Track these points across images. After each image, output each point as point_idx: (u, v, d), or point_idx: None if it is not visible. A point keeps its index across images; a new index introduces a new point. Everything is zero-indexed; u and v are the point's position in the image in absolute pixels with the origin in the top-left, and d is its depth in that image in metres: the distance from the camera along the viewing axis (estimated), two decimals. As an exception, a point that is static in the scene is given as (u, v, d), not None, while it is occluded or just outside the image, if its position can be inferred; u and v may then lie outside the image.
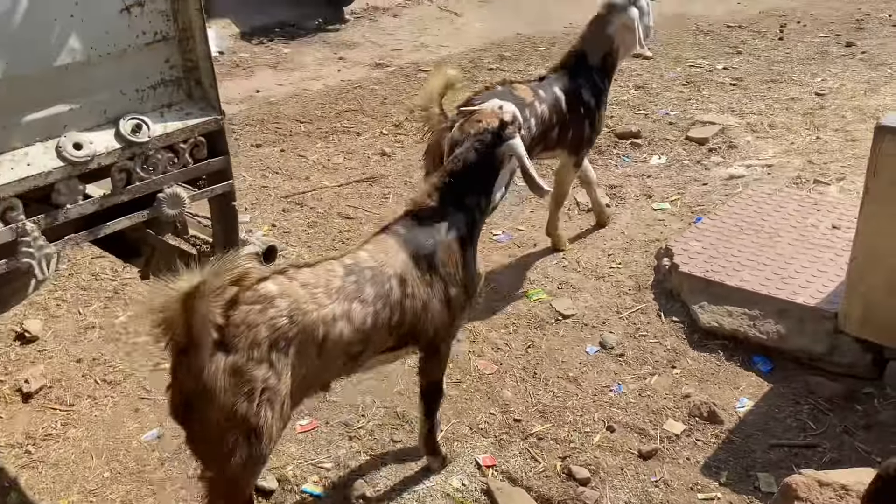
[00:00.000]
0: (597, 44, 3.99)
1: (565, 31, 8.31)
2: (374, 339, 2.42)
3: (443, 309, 2.59)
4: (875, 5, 8.88)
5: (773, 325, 3.48)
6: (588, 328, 3.72)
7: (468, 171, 2.65)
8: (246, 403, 2.12)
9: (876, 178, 3.06)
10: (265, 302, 2.18)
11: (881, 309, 3.19)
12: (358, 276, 2.37)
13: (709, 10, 8.91)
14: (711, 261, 3.82)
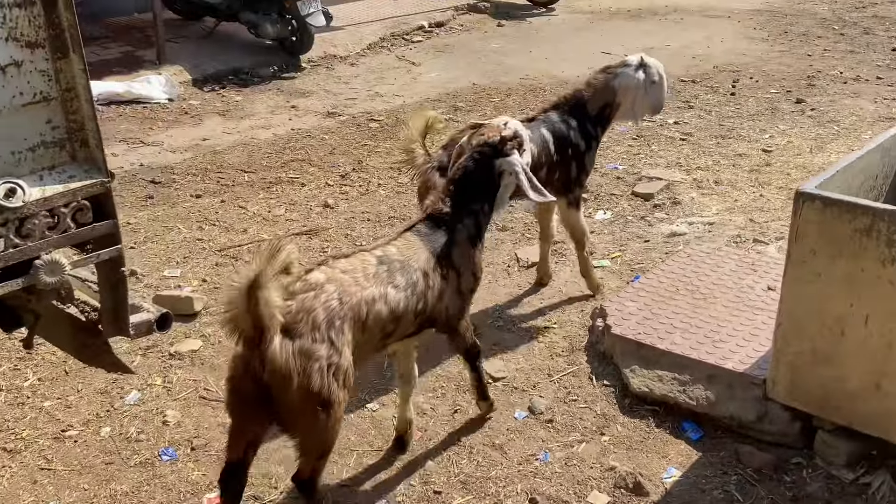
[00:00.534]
0: (599, 93, 4.02)
1: (521, 83, 8.38)
2: (402, 322, 2.78)
3: (454, 296, 2.98)
4: (827, 62, 9.06)
5: (703, 391, 3.42)
6: (518, 392, 3.63)
7: (468, 180, 3.01)
8: (319, 379, 2.45)
9: (797, 244, 3.04)
10: (317, 289, 2.52)
11: (808, 376, 3.15)
12: (389, 266, 2.74)
13: (666, 64, 9.00)
14: (645, 322, 3.77)
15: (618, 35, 10.37)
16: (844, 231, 2.90)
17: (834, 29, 10.56)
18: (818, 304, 3.04)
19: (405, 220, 5.26)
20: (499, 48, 9.85)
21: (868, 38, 10.05)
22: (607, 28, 10.79)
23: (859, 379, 3.03)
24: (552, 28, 10.85)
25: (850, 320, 2.99)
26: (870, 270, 2.89)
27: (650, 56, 4.14)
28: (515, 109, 7.53)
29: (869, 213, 2.84)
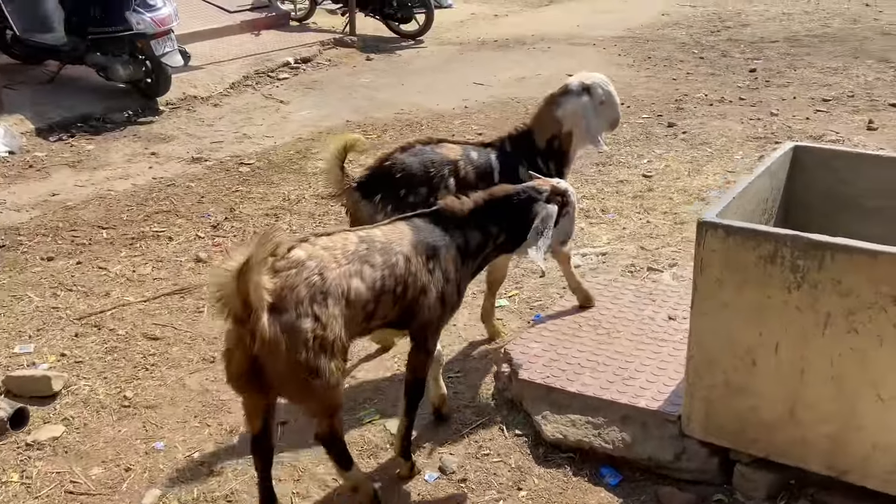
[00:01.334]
0: (545, 125, 3.86)
1: (396, 118, 8.30)
2: (382, 303, 2.88)
3: (436, 301, 3.03)
4: (692, 85, 9.46)
5: (618, 433, 3.35)
6: (425, 451, 3.45)
7: (503, 203, 3.14)
8: (304, 351, 2.64)
9: (703, 275, 3.03)
10: (298, 266, 2.67)
11: (722, 410, 3.13)
12: (369, 245, 2.87)
13: (538, 93, 9.14)
14: (552, 364, 3.69)
15: (489, 65, 10.50)
16: (749, 259, 2.91)
17: (694, 53, 11.08)
18: (728, 335, 3.04)
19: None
20: (369, 83, 9.76)
21: (727, 61, 10.59)
22: (477, 59, 10.91)
23: (773, 408, 3.03)
24: (422, 60, 10.87)
25: (760, 349, 2.99)
26: (776, 297, 2.90)
27: (589, 78, 3.91)
28: (393, 145, 7.40)
29: (772, 240, 2.86)
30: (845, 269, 2.75)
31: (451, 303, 3.12)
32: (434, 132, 7.81)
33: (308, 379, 2.68)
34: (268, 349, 2.60)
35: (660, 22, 13.27)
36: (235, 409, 3.75)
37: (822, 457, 3.00)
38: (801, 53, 10.85)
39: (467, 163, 3.69)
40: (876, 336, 2.76)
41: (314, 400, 2.79)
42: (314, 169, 6.83)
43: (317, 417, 2.89)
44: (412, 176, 3.60)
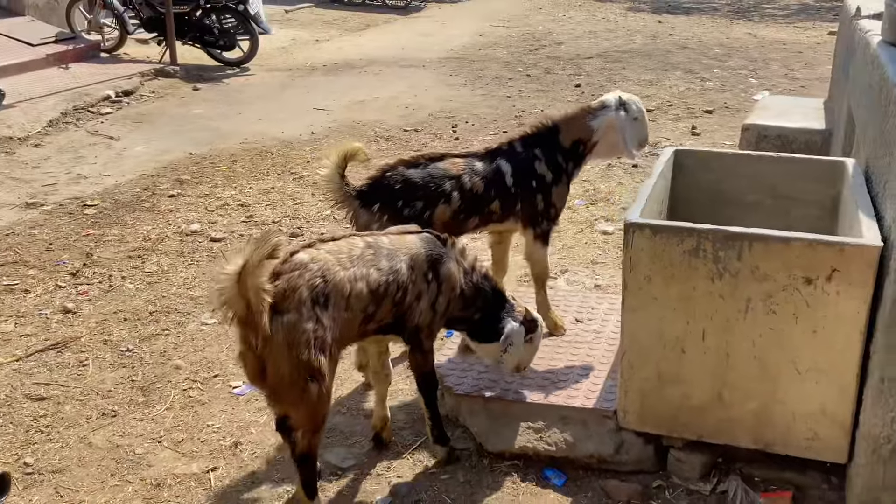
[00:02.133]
0: (575, 128, 4.06)
1: (244, 147, 8.17)
2: (382, 306, 3.07)
3: (429, 308, 3.24)
4: (527, 102, 9.99)
5: (560, 435, 3.53)
6: (373, 478, 3.47)
7: (492, 295, 3.46)
8: (307, 351, 2.80)
9: (632, 273, 3.28)
10: (301, 268, 2.85)
11: (656, 399, 3.39)
12: (376, 251, 3.08)
13: (381, 116, 9.34)
14: (482, 376, 3.82)
15: (324, 90, 10.55)
16: (675, 254, 3.19)
17: (519, 71, 11.70)
18: (658, 328, 3.30)
19: (173, 312, 4.85)
20: (203, 113, 9.52)
21: (552, 77, 11.28)
22: (311, 84, 10.93)
23: (703, 393, 3.32)
24: (254, 88, 10.75)
25: (688, 338, 3.27)
26: (701, 288, 3.20)
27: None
28: (248, 176, 7.31)
29: (695, 234, 3.15)
30: (762, 256, 3.09)
31: (440, 311, 3.30)
32: (286, 160, 7.78)
33: (307, 381, 2.83)
34: (270, 349, 2.76)
35: (479, 43, 13.89)
36: (155, 461, 3.59)
37: (750, 432, 3.32)
38: (617, 68, 11.75)
39: (472, 175, 3.82)
40: (791, 315, 3.10)
41: (307, 406, 2.89)
42: (170, 205, 6.60)
43: (302, 429, 2.97)
44: (411, 188, 3.72)
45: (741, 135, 5.94)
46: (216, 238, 5.91)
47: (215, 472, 3.51)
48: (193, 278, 5.33)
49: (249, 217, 6.34)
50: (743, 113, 9.02)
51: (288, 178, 7.26)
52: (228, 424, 3.83)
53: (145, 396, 4.06)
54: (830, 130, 5.72)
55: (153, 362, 4.35)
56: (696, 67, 11.58)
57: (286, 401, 2.93)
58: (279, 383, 2.85)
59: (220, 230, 6.08)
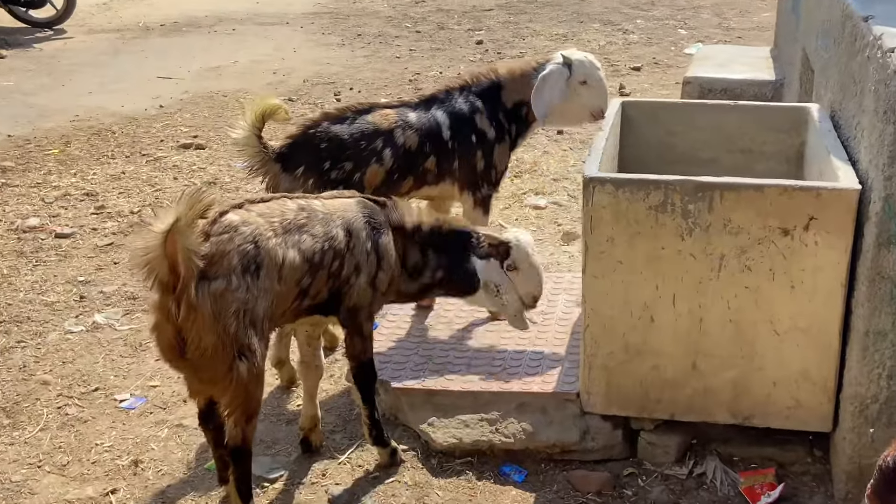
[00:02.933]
0: (517, 86, 4.38)
1: (76, 126, 8.22)
2: (316, 278, 3.35)
3: (367, 285, 3.51)
4: (420, 63, 10.39)
5: (517, 425, 3.89)
6: (307, 487, 3.73)
7: (446, 242, 3.78)
8: (235, 323, 3.02)
9: (593, 235, 3.67)
10: (232, 231, 3.07)
11: (623, 376, 3.79)
12: (310, 214, 3.33)
13: (244, 84, 9.53)
14: (421, 367, 4.14)
15: (168, 55, 10.64)
16: (640, 210, 3.59)
17: (407, 27, 12.10)
18: (623, 295, 3.70)
19: (26, 321, 4.95)
20: (16, 86, 9.48)
21: (447, 34, 11.72)
22: (149, 48, 10.99)
23: (675, 364, 3.74)
24: (76, 54, 10.72)
25: (657, 304, 3.69)
26: (670, 247, 3.61)
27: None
28: (88, 160, 7.39)
29: (662, 187, 3.57)
30: (734, 206, 3.53)
31: (380, 289, 3.58)
32: (133, 140, 7.89)
33: (234, 357, 3.05)
34: (194, 319, 2.96)
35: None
36: (39, 487, 3.74)
37: (727, 405, 3.76)
38: (523, 21, 12.30)
39: (406, 129, 4.14)
40: (768, 270, 3.56)
41: (236, 388, 3.10)
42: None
43: (233, 417, 3.19)
44: (339, 147, 4.00)
45: (682, 89, 6.48)
46: (63, 234, 6.01)
47: (116, 495, 3.69)
48: (43, 281, 5.42)
49: (100, 208, 6.44)
50: (675, 69, 9.72)
51: (140, 161, 7.37)
52: (122, 442, 4.01)
53: (10, 418, 4.18)
54: (781, 81, 6.33)
55: (12, 379, 4.47)
56: (615, 18, 12.26)
57: (210, 379, 3.13)
58: (202, 358, 3.04)
59: (65, 224, 6.18)
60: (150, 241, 2.87)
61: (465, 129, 4.38)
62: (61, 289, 5.33)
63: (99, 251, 5.80)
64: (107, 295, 5.25)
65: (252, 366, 3.13)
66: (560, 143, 7.58)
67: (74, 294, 5.27)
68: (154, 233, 2.86)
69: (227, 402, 3.19)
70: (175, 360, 3.16)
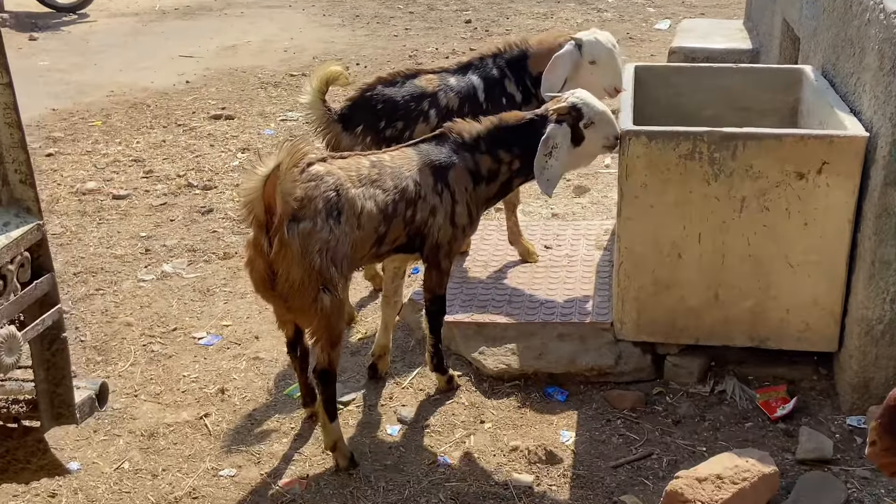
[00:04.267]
0: (542, 59, 4.33)
1: (113, 101, 8.15)
2: (393, 226, 3.39)
3: (446, 222, 3.54)
4: (417, 41, 10.35)
5: (559, 352, 3.97)
6: (377, 409, 3.80)
7: (515, 132, 3.65)
8: (319, 259, 3.11)
9: (628, 181, 3.75)
10: (318, 179, 3.15)
11: (653, 307, 3.89)
12: (380, 170, 3.37)
13: (260, 61, 9.46)
14: (469, 304, 4.21)
15: (185, 36, 10.53)
16: (670, 158, 3.67)
17: (399, 8, 12.02)
18: (654, 235, 3.79)
19: (100, 272, 4.97)
20: (52, 65, 9.35)
21: (437, 14, 11.66)
22: (168, 30, 10.86)
23: (699, 295, 3.85)
24: (101, 36, 10.58)
25: (685, 242, 3.78)
26: (697, 191, 3.70)
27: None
28: (130, 130, 7.34)
29: (690, 138, 3.64)
30: (755, 154, 3.62)
31: (461, 224, 3.60)
32: (168, 112, 7.83)
33: (319, 289, 3.12)
34: (284, 254, 3.05)
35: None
36: (139, 413, 3.78)
37: (745, 331, 3.87)
38: (506, 1, 12.26)
39: (447, 91, 4.19)
40: (784, 210, 3.66)
41: (321, 317, 3.18)
42: (51, 164, 6.58)
43: (320, 343, 3.27)
44: (392, 108, 4.06)
45: (668, 58, 6.54)
46: (119, 195, 5.99)
47: (209, 419, 3.74)
48: (109, 237, 5.42)
49: (149, 172, 6.42)
50: (648, 43, 9.77)
51: (177, 131, 7.33)
52: (206, 374, 4.05)
53: (102, 355, 4.21)
54: (758, 49, 6.42)
55: (98, 322, 4.49)
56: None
57: (298, 309, 3.21)
58: (290, 290, 3.12)
59: (120, 187, 6.15)
60: (252, 184, 2.98)
61: (497, 92, 4.43)
62: (126, 243, 5.33)
63: (154, 210, 5.79)
64: (169, 248, 5.26)
65: (334, 298, 3.19)
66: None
67: (140, 248, 5.27)
68: (257, 176, 2.97)
69: (314, 331, 3.26)
70: (266, 292, 3.24)
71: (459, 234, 3.66)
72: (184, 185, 6.15)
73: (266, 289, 3.20)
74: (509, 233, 4.67)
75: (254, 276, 3.22)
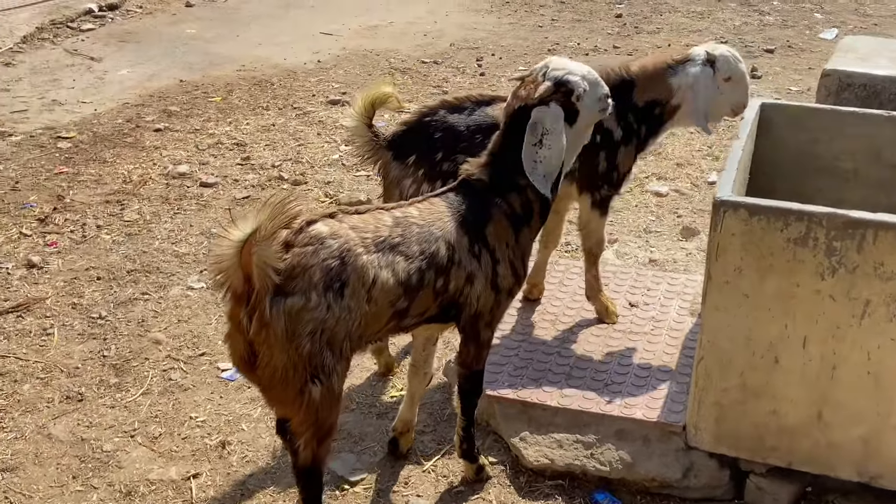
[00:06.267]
0: (652, 85, 3.47)
1: (240, 75, 7.60)
2: (419, 299, 2.61)
3: (488, 288, 2.74)
4: (560, 33, 9.35)
5: (615, 452, 3.08)
6: (388, 494, 3.03)
7: (511, 152, 2.74)
8: (309, 344, 2.39)
9: (718, 262, 2.79)
10: (317, 243, 2.41)
11: (737, 416, 2.93)
12: (405, 231, 2.58)
13: (396, 44, 8.73)
14: (520, 373, 3.35)
15: (333, 12, 9.91)
16: (776, 242, 2.69)
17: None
18: (746, 331, 2.82)
19: (155, 272, 4.38)
20: (197, 34, 8.92)
21: (589, 6, 10.56)
22: (319, 4, 10.26)
23: (798, 411, 2.86)
24: (254, 6, 10.09)
25: (784, 345, 2.79)
26: (806, 285, 2.70)
27: (723, 48, 3.54)
28: (245, 109, 6.78)
29: (804, 219, 2.64)
30: (889, 249, 2.58)
31: (506, 287, 2.80)
32: (289, 92, 7.22)
33: (308, 380, 2.43)
34: (265, 336, 2.38)
35: (509, -39, 13.12)
36: (127, 461, 3.16)
37: (853, 462, 2.86)
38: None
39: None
40: (922, 324, 2.62)
41: (307, 411, 2.47)
42: (155, 141, 6.09)
43: (302, 438, 2.54)
44: (454, 139, 3.24)
45: (819, 81, 5.31)
46: (207, 183, 5.41)
47: (197, 480, 3.07)
48: (180, 231, 4.84)
49: (246, 159, 5.81)
50: (808, 53, 8.43)
51: (290, 114, 6.71)
52: (215, 417, 3.38)
53: (118, 377, 3.62)
54: (930, 82, 5.13)
55: (129, 334, 3.90)
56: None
57: (279, 399, 2.52)
58: (272, 378, 2.44)
59: (211, 173, 5.57)
60: (224, 251, 2.31)
61: None
62: (194, 240, 4.73)
63: (235, 204, 5.17)
64: (233, 251, 4.62)
65: (325, 389, 2.46)
66: (687, 124, 6.53)
67: (204, 247, 4.65)
68: (230, 241, 2.29)
69: (298, 424, 2.53)
70: (248, 373, 2.52)
71: (504, 299, 2.84)
72: (275, 176, 5.51)
73: (246, 370, 2.51)
74: (587, 286, 3.75)
75: (232, 354, 2.53)
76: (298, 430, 2.53)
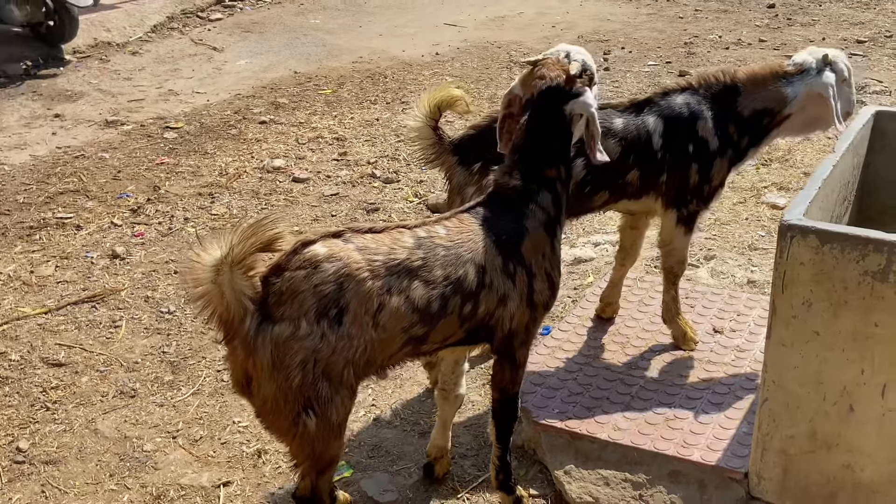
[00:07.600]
0: (762, 95, 3.34)
1: (355, 68, 7.70)
2: (441, 326, 2.47)
3: (523, 305, 2.60)
4: (702, 25, 8.97)
5: (666, 495, 2.88)
6: (414, 523, 2.95)
7: (538, 140, 2.63)
8: (300, 375, 2.29)
9: (785, 295, 2.54)
10: (310, 267, 2.29)
11: (806, 467, 2.67)
12: (428, 254, 2.43)
13: (520, 36, 8.62)
14: (573, 400, 3.19)
15: (461, 2, 9.90)
16: (851, 274, 2.42)
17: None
18: (816, 373, 2.56)
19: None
20: (321, 24, 9.12)
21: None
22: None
23: (876, 467, 2.57)
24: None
25: (861, 392, 2.52)
26: (887, 325, 2.42)
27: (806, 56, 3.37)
28: (352, 102, 6.84)
29: (884, 250, 2.37)
30: None
31: (542, 301, 2.66)
32: (400, 86, 7.25)
33: (300, 413, 2.33)
34: (252, 363, 2.30)
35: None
36: (164, 462, 3.22)
37: (940, 529, 2.55)
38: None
39: (606, 136, 3.11)
40: None
41: (301, 442, 2.39)
42: (258, 134, 6.23)
43: (300, 468, 2.48)
44: None
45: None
46: (299, 178, 5.48)
47: (227, 489, 3.09)
48: (262, 227, 4.92)
49: (342, 154, 5.86)
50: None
51: (396, 109, 6.72)
52: (256, 425, 3.38)
53: (173, 374, 3.70)
54: None
55: (192, 331, 3.98)
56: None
57: (274, 429, 2.44)
58: (263, 406, 2.38)
59: (305, 168, 5.65)
60: (198, 275, 2.21)
61: (682, 136, 3.29)
62: (274, 237, 4.80)
63: (323, 201, 5.22)
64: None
65: (323, 421, 2.36)
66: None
67: (282, 245, 4.71)
68: (201, 265, 2.20)
69: (294, 455, 2.47)
70: (246, 398, 2.47)
71: (540, 314, 2.70)
72: (367, 174, 5.53)
73: (244, 395, 2.44)
74: (664, 308, 3.54)
75: (231, 376, 2.48)
76: (294, 462, 2.48)
